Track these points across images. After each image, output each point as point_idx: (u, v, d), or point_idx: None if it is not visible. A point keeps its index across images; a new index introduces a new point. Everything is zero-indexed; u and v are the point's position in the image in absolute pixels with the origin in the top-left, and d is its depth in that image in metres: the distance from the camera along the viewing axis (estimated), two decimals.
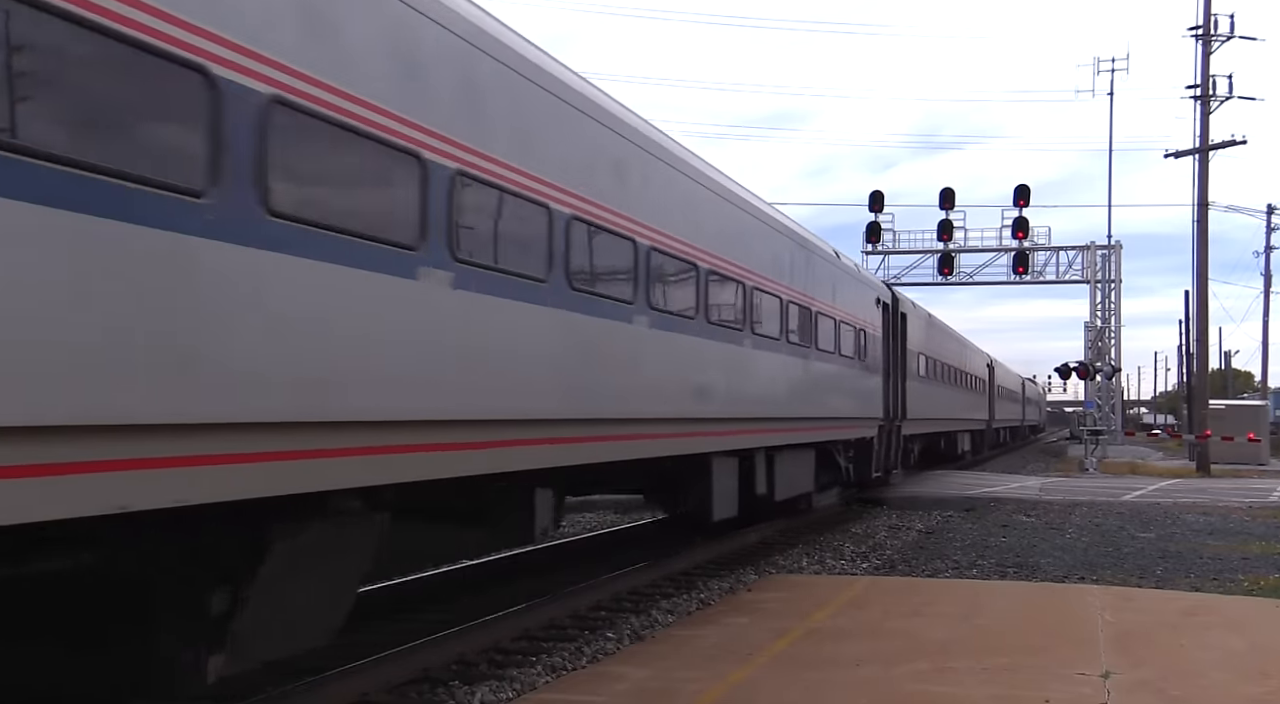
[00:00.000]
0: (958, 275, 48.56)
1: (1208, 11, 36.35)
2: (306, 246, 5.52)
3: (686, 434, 11.02)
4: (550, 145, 8.30)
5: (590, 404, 8.92)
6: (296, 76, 5.52)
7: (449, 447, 6.86)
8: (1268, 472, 35.35)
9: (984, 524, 18.22)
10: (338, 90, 5.80)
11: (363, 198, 6.24)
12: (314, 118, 5.64)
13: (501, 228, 7.59)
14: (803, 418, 15.12)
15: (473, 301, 7.08)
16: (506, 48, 7.66)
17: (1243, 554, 14.79)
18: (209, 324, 4.99)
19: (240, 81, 5.14)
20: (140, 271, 4.63)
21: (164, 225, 4.72)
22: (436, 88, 6.81)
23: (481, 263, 7.18)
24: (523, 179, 7.70)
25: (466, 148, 6.97)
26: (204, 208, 4.93)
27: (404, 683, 7.51)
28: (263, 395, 5.29)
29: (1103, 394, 44.90)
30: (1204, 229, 36.20)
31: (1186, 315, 44.96)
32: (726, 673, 7.66)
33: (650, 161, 10.33)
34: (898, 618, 9.67)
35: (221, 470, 5.09)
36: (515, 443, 7.76)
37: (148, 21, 4.63)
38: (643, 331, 9.80)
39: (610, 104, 9.74)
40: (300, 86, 5.55)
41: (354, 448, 5.99)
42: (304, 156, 5.67)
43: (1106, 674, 7.65)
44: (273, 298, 5.34)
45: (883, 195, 47.08)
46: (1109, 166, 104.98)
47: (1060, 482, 29.04)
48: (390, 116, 6.22)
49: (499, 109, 7.51)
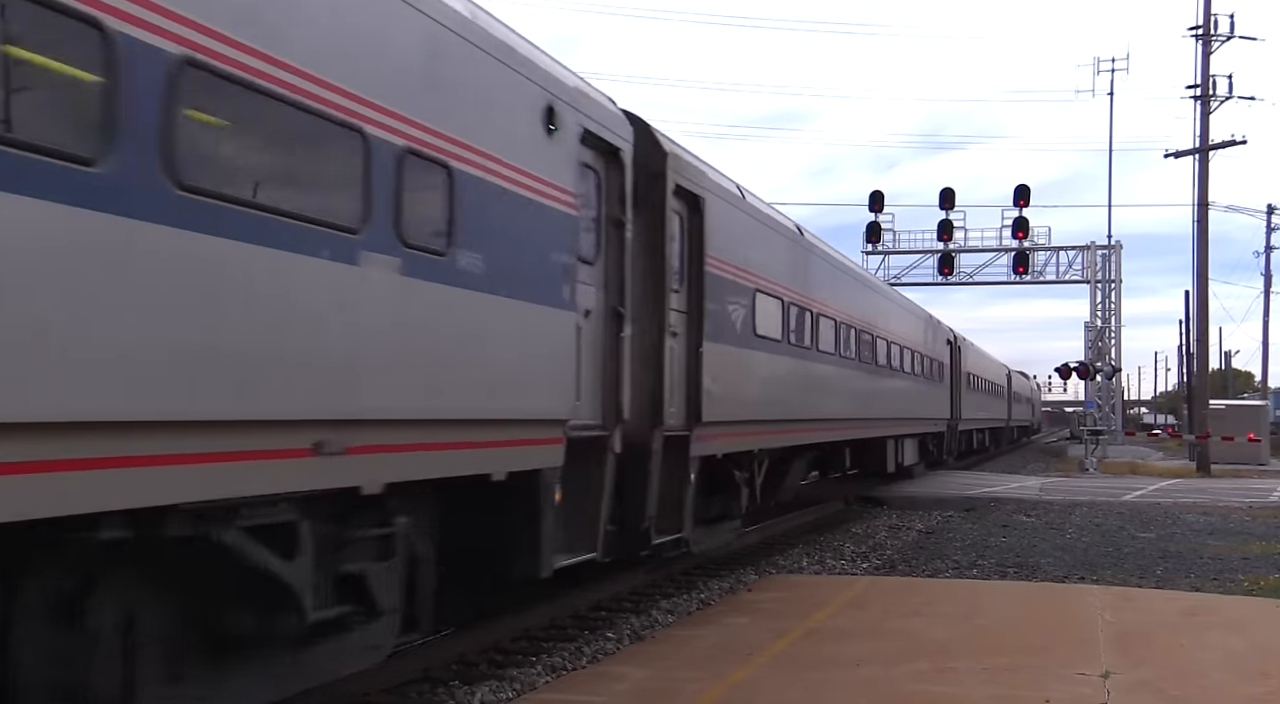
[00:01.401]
0: (958, 275, 48.64)
1: (1208, 11, 36.38)
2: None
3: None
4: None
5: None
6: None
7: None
8: (1268, 472, 35.34)
9: (984, 524, 18.22)
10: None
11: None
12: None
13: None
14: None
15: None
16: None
17: (1243, 554, 14.79)
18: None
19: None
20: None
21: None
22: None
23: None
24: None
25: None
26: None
27: (404, 683, 7.50)
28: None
29: (1103, 394, 44.94)
30: (1204, 229, 36.23)
31: (1186, 315, 45.01)
32: (726, 673, 7.66)
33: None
34: (898, 618, 9.67)
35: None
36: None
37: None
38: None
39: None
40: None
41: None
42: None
43: (1106, 674, 7.65)
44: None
45: (883, 195, 47.23)
46: (1109, 166, 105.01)
47: (1060, 482, 29.04)
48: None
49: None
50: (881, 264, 48.46)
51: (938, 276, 47.90)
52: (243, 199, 5.14)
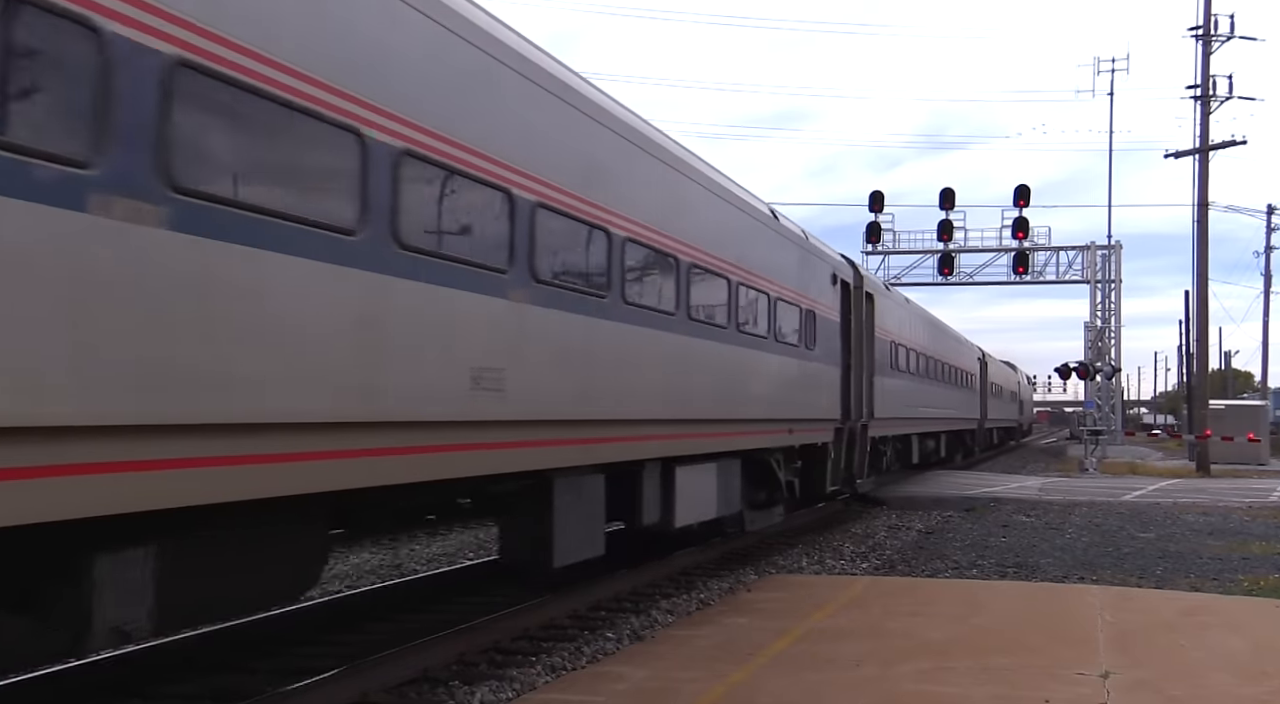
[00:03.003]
0: (958, 275, 48.62)
1: (1208, 12, 36.38)
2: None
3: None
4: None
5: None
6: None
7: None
8: (1268, 472, 35.34)
9: (984, 524, 18.22)
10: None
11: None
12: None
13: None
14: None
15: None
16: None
17: (1243, 554, 14.79)
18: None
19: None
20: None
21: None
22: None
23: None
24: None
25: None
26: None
27: (404, 683, 7.50)
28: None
29: (1103, 394, 44.95)
30: (1204, 229, 36.23)
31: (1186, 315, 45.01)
32: (726, 673, 7.66)
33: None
34: (898, 618, 9.67)
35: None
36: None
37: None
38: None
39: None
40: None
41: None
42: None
43: (1106, 674, 7.66)
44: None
45: (883, 195, 47.26)
46: (1109, 167, 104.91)
47: (1060, 482, 29.05)
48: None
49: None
50: (881, 264, 48.49)
51: (938, 277, 47.90)
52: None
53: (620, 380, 9.39)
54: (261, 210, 5.28)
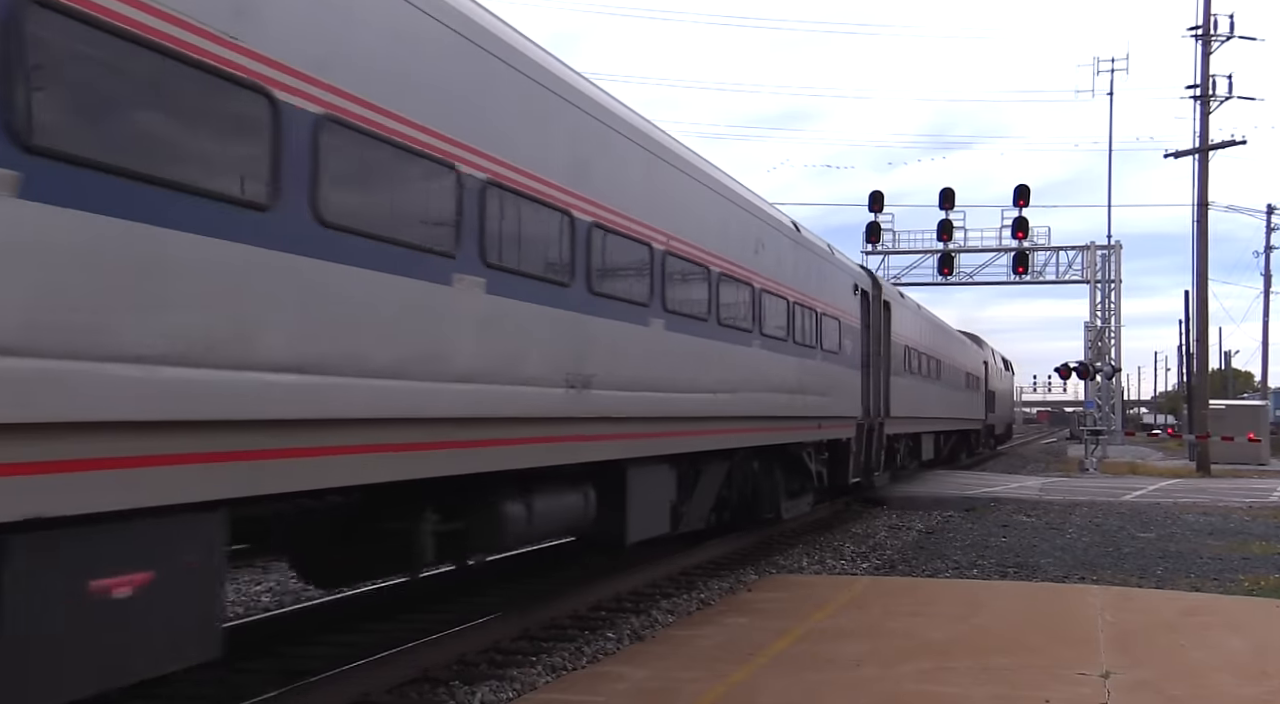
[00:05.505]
0: (958, 275, 48.58)
1: (1208, 11, 36.36)
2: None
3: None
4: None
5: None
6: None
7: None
8: (1268, 472, 35.33)
9: (984, 524, 18.23)
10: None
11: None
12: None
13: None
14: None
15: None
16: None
17: (1243, 554, 14.79)
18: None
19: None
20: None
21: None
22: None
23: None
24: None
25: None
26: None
27: (404, 683, 7.51)
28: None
29: (1103, 394, 44.90)
30: (1204, 229, 36.21)
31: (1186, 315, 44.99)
32: (727, 673, 7.66)
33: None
34: (898, 618, 9.67)
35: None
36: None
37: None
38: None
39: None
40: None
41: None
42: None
43: (1106, 674, 7.66)
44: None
45: (883, 196, 47.25)
46: (1109, 166, 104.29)
47: (1060, 482, 29.03)
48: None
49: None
50: (881, 264, 48.42)
51: (937, 276, 47.87)
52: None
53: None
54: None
